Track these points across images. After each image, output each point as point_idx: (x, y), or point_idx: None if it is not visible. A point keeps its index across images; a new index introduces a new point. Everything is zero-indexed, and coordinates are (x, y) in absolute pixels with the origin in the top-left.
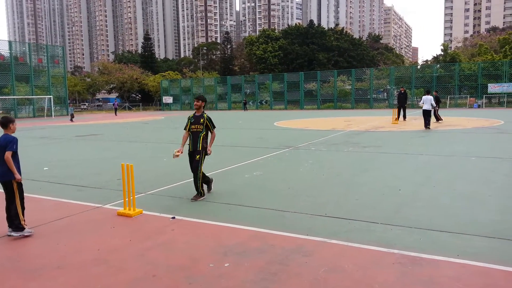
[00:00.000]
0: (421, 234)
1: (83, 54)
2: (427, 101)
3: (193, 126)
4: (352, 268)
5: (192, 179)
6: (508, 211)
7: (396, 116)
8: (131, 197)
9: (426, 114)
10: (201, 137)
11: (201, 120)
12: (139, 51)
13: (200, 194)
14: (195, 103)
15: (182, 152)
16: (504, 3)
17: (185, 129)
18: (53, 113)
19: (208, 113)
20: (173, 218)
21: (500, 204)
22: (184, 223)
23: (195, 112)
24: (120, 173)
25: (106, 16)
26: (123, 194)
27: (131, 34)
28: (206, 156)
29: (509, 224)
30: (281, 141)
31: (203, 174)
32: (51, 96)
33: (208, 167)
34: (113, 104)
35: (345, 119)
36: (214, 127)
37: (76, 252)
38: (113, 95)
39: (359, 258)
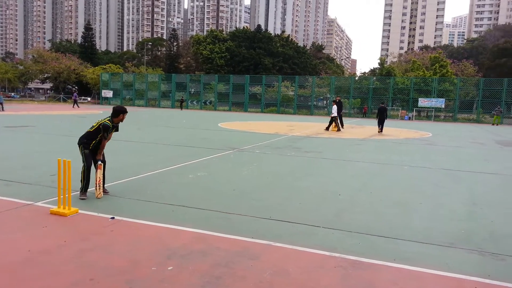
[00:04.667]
0: (360, 238)
1: (16, 40)
2: (335, 109)
3: (111, 134)
4: (296, 271)
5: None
6: (436, 218)
7: (334, 124)
8: (67, 195)
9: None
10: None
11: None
12: (79, 41)
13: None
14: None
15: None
16: (436, 24)
17: (106, 138)
18: None
19: (151, 110)
20: (112, 218)
21: (430, 212)
22: (124, 223)
23: (116, 122)
24: (54, 169)
25: (45, 1)
26: (58, 191)
27: (71, 22)
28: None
29: (437, 230)
30: (226, 143)
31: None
32: None
33: (151, 166)
34: (74, 96)
35: (288, 124)
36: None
37: (4, 253)
38: (47, 85)
39: (303, 261)
